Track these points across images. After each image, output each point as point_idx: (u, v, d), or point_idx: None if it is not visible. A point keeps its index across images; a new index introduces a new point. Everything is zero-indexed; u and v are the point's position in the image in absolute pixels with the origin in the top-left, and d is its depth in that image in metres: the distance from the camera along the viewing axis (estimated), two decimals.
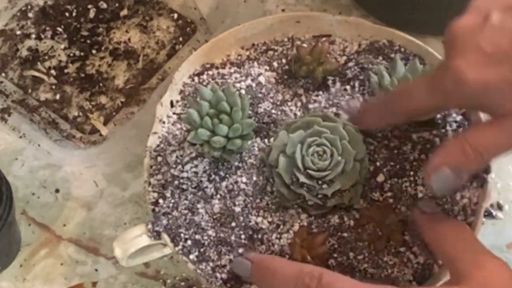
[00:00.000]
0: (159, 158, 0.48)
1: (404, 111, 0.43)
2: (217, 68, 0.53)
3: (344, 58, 0.52)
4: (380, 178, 0.46)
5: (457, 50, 0.37)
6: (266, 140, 0.48)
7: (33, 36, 0.66)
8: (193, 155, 0.48)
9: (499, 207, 0.55)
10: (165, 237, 0.45)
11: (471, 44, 0.37)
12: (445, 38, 0.39)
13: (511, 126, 0.37)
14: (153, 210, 0.47)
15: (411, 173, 0.46)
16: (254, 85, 0.51)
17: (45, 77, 0.63)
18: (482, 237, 0.44)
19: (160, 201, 0.47)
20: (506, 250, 0.54)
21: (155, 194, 0.47)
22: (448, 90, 0.38)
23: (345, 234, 0.44)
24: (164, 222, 0.45)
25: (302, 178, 0.44)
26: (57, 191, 0.59)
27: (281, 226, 0.45)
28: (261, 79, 0.51)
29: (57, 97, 0.62)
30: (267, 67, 0.52)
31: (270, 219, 0.45)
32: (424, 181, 0.40)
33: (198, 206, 0.46)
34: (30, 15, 0.67)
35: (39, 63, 0.64)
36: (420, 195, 0.45)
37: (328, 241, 0.44)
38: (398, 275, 0.43)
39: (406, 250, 0.44)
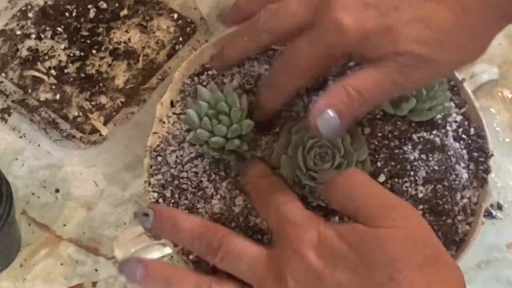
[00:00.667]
0: (159, 158, 0.48)
1: (293, 70, 0.43)
2: None
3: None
4: (381, 178, 0.46)
5: (337, 2, 0.39)
6: (268, 139, 0.48)
7: (33, 36, 0.66)
8: (193, 155, 0.48)
9: (499, 207, 0.55)
10: None
11: None
12: None
13: (388, 66, 0.38)
14: None
15: (411, 173, 0.46)
16: (254, 85, 0.51)
17: (45, 77, 0.63)
18: (482, 237, 0.44)
19: (160, 201, 0.47)
20: (506, 250, 0.54)
21: (155, 194, 0.47)
22: (330, 41, 0.39)
23: None
24: None
25: (305, 179, 0.44)
26: (57, 191, 0.59)
27: None
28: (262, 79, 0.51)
29: (57, 97, 0.62)
30: (267, 67, 0.52)
31: None
32: (310, 127, 0.40)
33: (198, 206, 0.46)
34: (30, 15, 0.67)
35: (39, 63, 0.64)
36: (420, 195, 0.45)
37: None
38: None
39: None
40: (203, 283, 0.40)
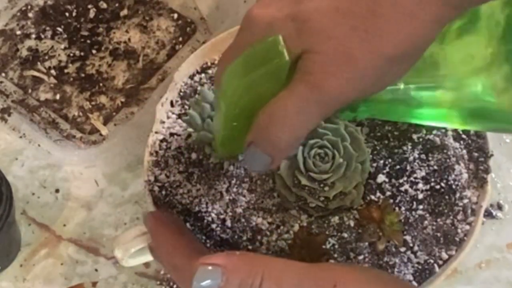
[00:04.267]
0: (159, 158, 0.48)
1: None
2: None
3: None
4: (380, 178, 0.46)
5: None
6: None
7: (33, 36, 0.66)
8: (194, 156, 0.48)
9: (499, 207, 0.55)
10: None
11: None
12: None
13: (295, 83, 0.34)
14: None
15: (411, 173, 0.46)
16: None
17: (45, 77, 0.63)
18: (482, 237, 0.44)
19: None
20: (506, 250, 0.54)
21: (156, 194, 0.47)
22: (244, 36, 0.36)
23: (345, 234, 0.44)
24: None
25: (304, 181, 0.44)
26: (57, 191, 0.59)
27: (281, 227, 0.45)
28: None
29: (57, 97, 0.62)
30: None
31: (270, 220, 0.45)
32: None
33: (199, 208, 0.46)
34: (30, 15, 0.67)
35: (39, 63, 0.64)
36: (420, 195, 0.45)
37: (328, 242, 0.44)
38: (398, 275, 0.43)
39: (406, 250, 0.44)
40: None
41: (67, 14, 0.67)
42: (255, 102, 0.35)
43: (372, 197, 0.46)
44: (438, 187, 0.46)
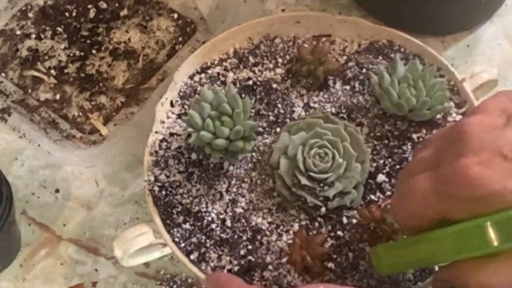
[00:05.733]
0: (160, 158, 0.48)
1: (408, 212, 0.36)
2: (217, 68, 0.52)
3: (344, 58, 0.52)
4: (380, 178, 0.46)
5: (469, 149, 0.32)
6: (269, 140, 0.48)
7: (33, 36, 0.66)
8: (194, 156, 0.48)
9: None
10: (166, 237, 0.45)
11: (488, 144, 0.32)
12: (454, 131, 0.34)
13: None
14: None
15: None
16: (254, 85, 0.51)
17: (45, 77, 0.63)
18: None
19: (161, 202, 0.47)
20: None
21: (156, 194, 0.47)
22: (452, 190, 0.33)
23: (345, 235, 0.44)
24: None
25: (304, 180, 0.44)
26: (57, 191, 0.59)
27: (281, 227, 0.45)
28: (262, 79, 0.51)
29: (57, 97, 0.62)
30: (268, 67, 0.52)
31: (270, 220, 0.45)
32: None
33: (200, 208, 0.46)
34: (30, 15, 0.67)
35: (39, 63, 0.64)
36: None
37: (327, 242, 0.44)
38: (398, 275, 0.43)
39: None
40: None
41: (67, 14, 0.67)
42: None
43: (372, 197, 0.46)
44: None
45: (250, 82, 0.51)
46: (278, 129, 0.49)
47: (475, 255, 0.32)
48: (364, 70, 0.51)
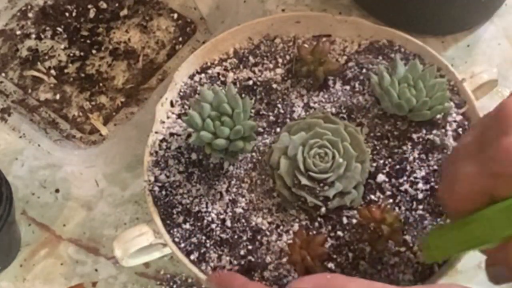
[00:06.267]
0: (160, 158, 0.48)
1: (457, 197, 0.37)
2: (217, 68, 0.53)
3: (344, 58, 0.52)
4: (380, 178, 0.46)
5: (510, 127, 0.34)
6: (269, 140, 0.48)
7: (33, 36, 0.66)
8: (194, 156, 0.48)
9: None
10: (166, 237, 0.45)
11: None
12: (495, 113, 0.36)
13: None
14: None
15: (411, 173, 0.46)
16: (254, 85, 0.51)
17: (45, 77, 0.63)
18: None
19: (162, 203, 0.47)
20: None
21: (156, 194, 0.47)
22: (498, 170, 0.34)
23: (345, 235, 0.44)
24: None
25: (304, 180, 0.44)
26: (57, 191, 0.59)
27: (281, 227, 0.45)
28: (262, 79, 0.51)
29: (57, 97, 0.62)
30: (268, 67, 0.52)
31: (270, 220, 0.45)
32: None
33: (200, 208, 0.46)
34: (30, 15, 0.67)
35: (39, 63, 0.64)
36: (420, 195, 0.45)
37: (327, 242, 0.44)
38: (398, 275, 0.43)
39: (406, 250, 0.44)
40: None
41: (67, 14, 0.67)
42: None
43: (372, 197, 0.46)
44: (437, 187, 0.45)
45: (250, 82, 0.51)
46: (278, 129, 0.49)
47: None
48: (364, 70, 0.51)
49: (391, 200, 0.45)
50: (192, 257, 0.45)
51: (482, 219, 0.35)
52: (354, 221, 0.45)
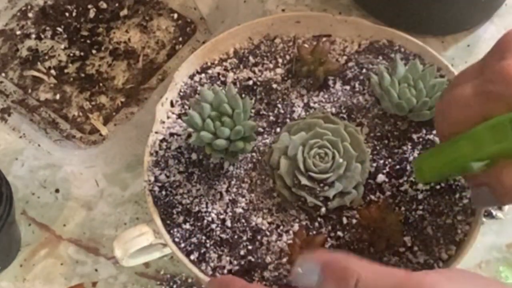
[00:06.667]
0: (160, 158, 0.48)
1: (452, 120, 0.38)
2: (217, 68, 0.53)
3: (344, 58, 0.52)
4: (380, 178, 0.46)
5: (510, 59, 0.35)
6: (269, 140, 0.48)
7: (33, 36, 0.66)
8: (194, 156, 0.48)
9: (499, 207, 0.55)
10: (166, 237, 0.45)
11: None
12: (496, 43, 0.37)
13: None
14: None
15: (411, 173, 0.46)
16: (254, 85, 0.51)
17: (45, 77, 0.63)
18: (482, 237, 0.44)
19: (162, 203, 0.47)
20: (506, 250, 0.54)
21: (156, 194, 0.47)
22: (495, 91, 0.35)
23: (345, 235, 0.44)
24: None
25: (304, 181, 0.44)
26: (57, 191, 0.59)
27: (281, 227, 0.45)
28: (262, 79, 0.51)
29: (57, 97, 0.62)
30: (268, 67, 0.52)
31: (270, 220, 0.45)
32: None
33: (200, 208, 0.46)
34: (30, 15, 0.67)
35: (39, 63, 0.64)
36: (420, 195, 0.45)
37: (327, 242, 0.44)
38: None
39: (406, 250, 0.44)
40: None
41: (67, 14, 0.67)
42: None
43: (372, 197, 0.46)
44: (438, 187, 0.46)
45: (250, 82, 0.51)
46: (278, 129, 0.49)
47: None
48: (364, 70, 0.51)
49: (391, 200, 0.45)
50: (192, 257, 0.45)
51: (470, 137, 0.36)
52: (354, 221, 0.45)
